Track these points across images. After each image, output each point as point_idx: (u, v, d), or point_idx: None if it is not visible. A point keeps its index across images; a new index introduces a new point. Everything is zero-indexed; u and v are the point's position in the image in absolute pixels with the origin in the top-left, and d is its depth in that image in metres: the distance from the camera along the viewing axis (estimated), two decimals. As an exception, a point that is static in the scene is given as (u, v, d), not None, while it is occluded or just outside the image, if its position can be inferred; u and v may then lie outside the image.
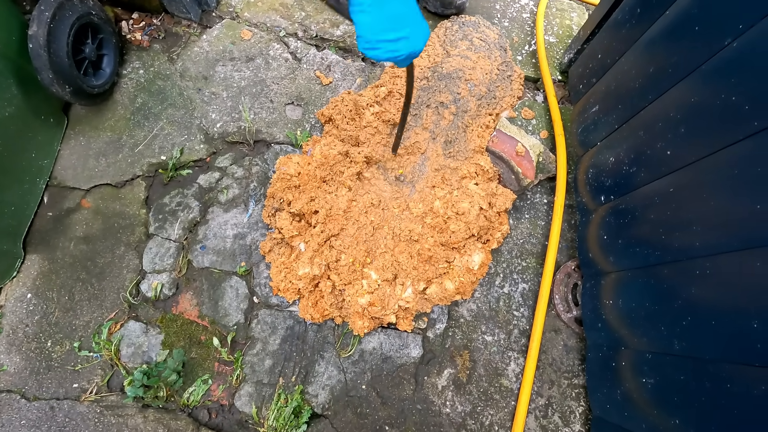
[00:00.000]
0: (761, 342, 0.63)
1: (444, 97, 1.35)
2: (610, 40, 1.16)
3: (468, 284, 1.16)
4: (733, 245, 0.69)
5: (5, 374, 1.13)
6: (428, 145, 1.31)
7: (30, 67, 1.13)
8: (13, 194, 1.18)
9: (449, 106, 1.34)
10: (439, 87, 1.36)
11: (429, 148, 1.30)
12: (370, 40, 0.70)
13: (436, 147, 1.31)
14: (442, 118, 1.33)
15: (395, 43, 0.70)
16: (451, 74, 1.39)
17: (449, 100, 1.34)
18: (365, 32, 0.69)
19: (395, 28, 0.69)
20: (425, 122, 1.32)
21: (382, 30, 0.69)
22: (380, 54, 0.72)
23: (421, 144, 1.30)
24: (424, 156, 1.30)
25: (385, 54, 0.72)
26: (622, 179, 1.02)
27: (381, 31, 0.69)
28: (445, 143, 1.31)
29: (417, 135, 1.31)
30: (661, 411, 0.83)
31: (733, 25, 0.71)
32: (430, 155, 1.30)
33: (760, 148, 0.65)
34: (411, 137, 1.31)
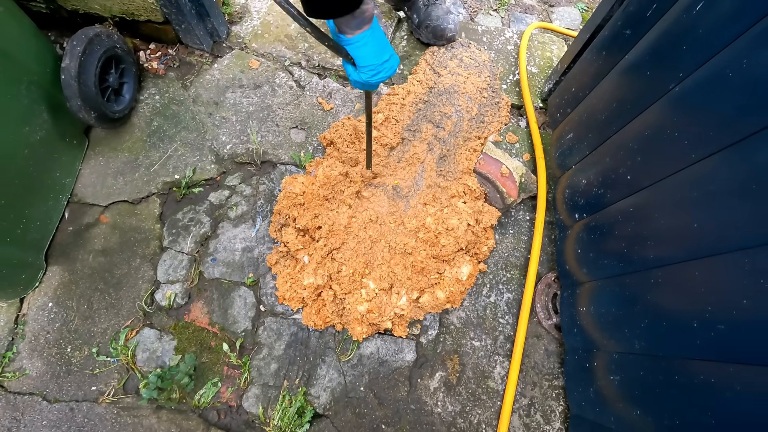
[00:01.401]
0: (700, 339, 0.75)
1: (446, 109, 1.50)
2: (582, 75, 1.30)
3: (457, 294, 1.28)
4: (679, 257, 0.81)
5: (28, 378, 1.21)
6: (426, 156, 1.44)
7: (60, 95, 1.25)
8: (39, 210, 1.28)
9: (448, 119, 1.49)
10: (440, 102, 1.52)
11: (427, 159, 1.43)
12: (374, 66, 0.82)
13: (433, 158, 1.44)
14: (441, 130, 1.47)
15: (388, 63, 0.84)
16: (448, 90, 1.55)
17: (451, 112, 1.50)
18: (370, 61, 0.81)
19: (386, 51, 0.83)
20: (424, 135, 1.46)
21: (379, 54, 0.81)
22: (382, 76, 0.85)
23: (420, 155, 1.43)
24: (422, 166, 1.43)
25: (385, 74, 0.85)
26: (592, 199, 1.15)
27: (379, 55, 0.81)
28: (440, 158, 1.45)
29: (415, 147, 1.44)
30: (626, 404, 0.94)
31: (674, 73, 0.85)
32: (427, 167, 1.43)
33: (696, 177, 0.79)
34: (410, 149, 1.44)
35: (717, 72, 0.75)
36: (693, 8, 0.81)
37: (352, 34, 0.78)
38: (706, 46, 0.78)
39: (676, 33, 0.87)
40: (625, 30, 1.07)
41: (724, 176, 0.73)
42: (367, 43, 0.79)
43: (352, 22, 0.76)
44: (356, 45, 0.79)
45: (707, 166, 0.76)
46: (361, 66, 0.83)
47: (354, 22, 0.76)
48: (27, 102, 1.17)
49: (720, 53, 0.74)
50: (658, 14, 0.93)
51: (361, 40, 0.79)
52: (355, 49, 0.80)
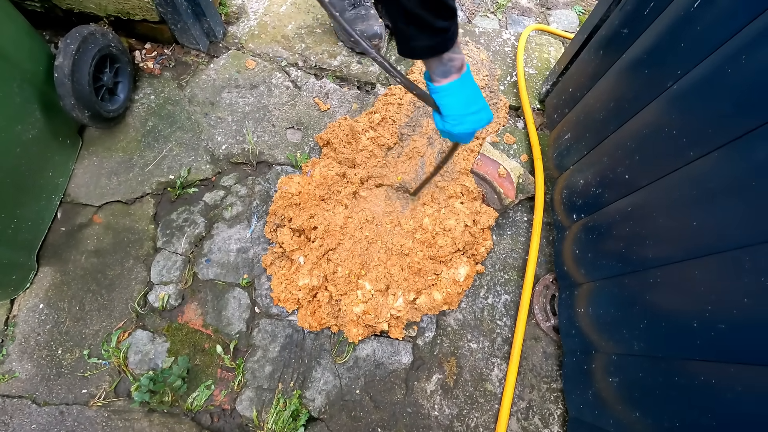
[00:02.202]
0: (700, 339, 0.74)
1: None
2: (579, 76, 1.30)
3: (455, 295, 1.26)
4: (678, 256, 0.80)
5: (17, 381, 1.19)
6: (426, 150, 1.43)
7: (53, 94, 1.24)
8: (31, 210, 1.26)
9: None
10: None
11: (427, 152, 1.42)
12: (457, 116, 0.82)
13: (434, 152, 1.44)
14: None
15: (476, 115, 0.83)
16: None
17: None
18: (454, 111, 0.81)
19: (474, 103, 0.82)
20: (425, 129, 1.45)
21: (465, 105, 0.81)
22: (466, 127, 0.83)
23: (420, 149, 1.42)
24: (423, 160, 1.42)
25: (470, 126, 0.83)
26: (590, 199, 1.14)
27: (464, 106, 0.81)
28: (440, 153, 1.44)
29: (415, 141, 1.44)
30: (625, 406, 0.92)
31: (672, 71, 0.85)
32: (428, 160, 1.42)
33: (695, 175, 0.78)
34: (410, 144, 1.43)
35: (715, 69, 0.74)
36: (691, 5, 0.81)
37: (439, 82, 0.79)
38: (704, 43, 0.77)
39: (673, 31, 0.86)
40: (622, 29, 1.06)
41: (724, 174, 0.72)
42: (454, 93, 0.79)
43: (439, 68, 0.77)
44: (442, 94, 0.80)
45: (706, 164, 0.75)
46: (445, 115, 0.83)
47: (440, 69, 0.77)
48: (19, 100, 1.16)
49: (718, 50, 0.74)
50: (655, 12, 0.93)
51: (447, 90, 0.79)
52: (441, 98, 0.81)
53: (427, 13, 0.67)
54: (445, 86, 0.79)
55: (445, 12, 0.69)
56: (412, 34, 0.71)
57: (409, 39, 0.72)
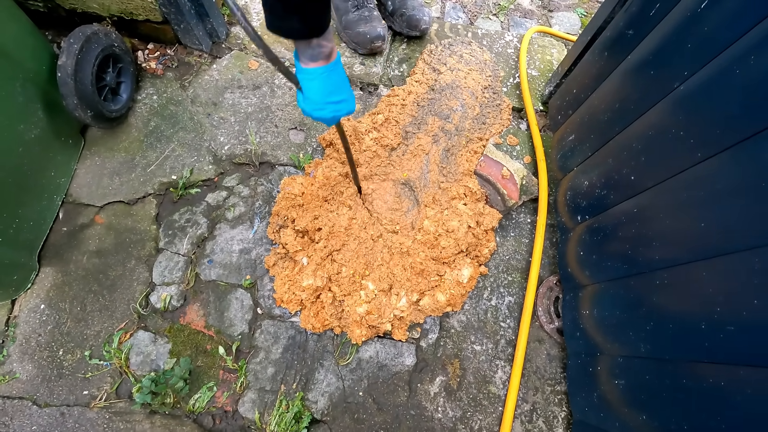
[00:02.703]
0: (708, 341, 0.73)
1: (451, 103, 1.51)
2: (583, 77, 1.30)
3: (458, 297, 1.26)
4: (685, 258, 0.80)
5: (18, 382, 1.18)
6: (431, 147, 1.43)
7: (56, 94, 1.23)
8: (32, 210, 1.26)
9: (455, 112, 1.50)
10: (444, 96, 1.52)
11: (432, 150, 1.42)
12: (318, 102, 0.82)
13: (438, 150, 1.44)
14: (448, 123, 1.48)
15: (338, 105, 0.84)
16: (450, 85, 1.54)
17: (456, 106, 1.51)
18: (315, 96, 0.82)
19: (338, 93, 0.83)
20: (430, 128, 1.46)
21: (328, 93, 0.82)
22: (326, 114, 0.85)
23: (425, 146, 1.42)
24: (427, 157, 1.41)
25: (330, 113, 0.85)
26: (595, 201, 1.14)
27: (328, 94, 0.82)
28: (444, 151, 1.44)
29: (420, 139, 1.44)
30: (631, 409, 0.92)
31: (679, 72, 0.84)
32: (432, 158, 1.42)
33: (703, 176, 0.77)
34: (415, 141, 1.43)
35: (723, 70, 0.74)
36: (698, 6, 0.81)
37: (306, 64, 0.79)
38: (711, 43, 0.77)
39: (680, 32, 0.86)
40: (627, 30, 1.06)
41: (732, 175, 0.71)
42: (318, 78, 0.79)
43: (307, 51, 0.76)
44: (306, 76, 0.80)
45: (714, 165, 0.75)
46: (307, 97, 0.83)
47: (308, 52, 0.76)
48: (22, 100, 1.16)
49: (726, 50, 0.74)
50: (661, 14, 0.92)
51: (312, 74, 0.79)
52: (304, 80, 0.81)
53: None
54: (310, 70, 0.78)
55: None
56: (279, 12, 0.69)
57: (279, 17, 0.70)
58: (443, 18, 1.99)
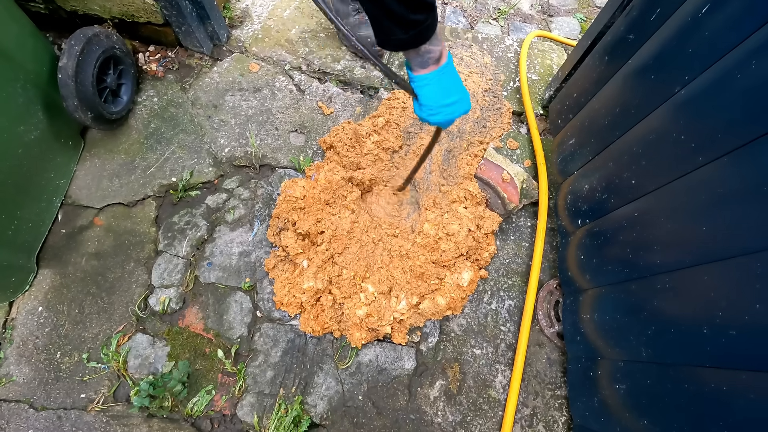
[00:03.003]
0: (710, 345, 0.73)
1: None
2: (583, 81, 1.30)
3: (458, 300, 1.25)
4: (686, 262, 0.80)
5: (14, 384, 1.17)
6: (434, 147, 1.43)
7: (56, 95, 1.23)
8: (31, 212, 1.25)
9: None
10: None
11: (434, 149, 1.43)
12: (432, 107, 0.83)
13: (441, 149, 1.44)
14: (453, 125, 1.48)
15: (452, 107, 0.84)
16: None
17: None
18: (429, 101, 0.82)
19: (451, 95, 0.83)
20: (432, 127, 1.46)
21: (442, 97, 0.82)
22: (441, 117, 0.85)
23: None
24: (430, 157, 1.42)
25: (444, 116, 0.85)
26: (595, 205, 1.14)
27: (441, 97, 0.82)
28: (447, 151, 1.44)
29: (422, 139, 1.44)
30: (632, 414, 0.91)
31: (680, 77, 0.85)
32: (435, 158, 1.42)
33: (705, 180, 0.77)
34: (417, 141, 1.43)
35: (724, 74, 0.74)
36: (699, 11, 0.81)
37: (417, 71, 0.79)
38: (712, 48, 0.77)
39: (681, 36, 0.86)
40: (628, 35, 1.06)
41: (733, 179, 0.71)
42: (430, 83, 0.80)
43: (416, 59, 0.77)
44: (419, 83, 0.81)
45: (715, 169, 0.75)
46: (422, 104, 0.84)
47: (418, 60, 0.77)
48: (23, 101, 1.15)
49: (727, 55, 0.74)
50: (662, 18, 0.93)
51: (424, 80, 0.80)
52: (418, 87, 0.82)
53: (401, 6, 0.67)
54: (422, 76, 0.79)
55: (420, 6, 0.68)
56: (387, 26, 0.70)
57: (385, 31, 0.72)
58: (443, 22, 1.99)
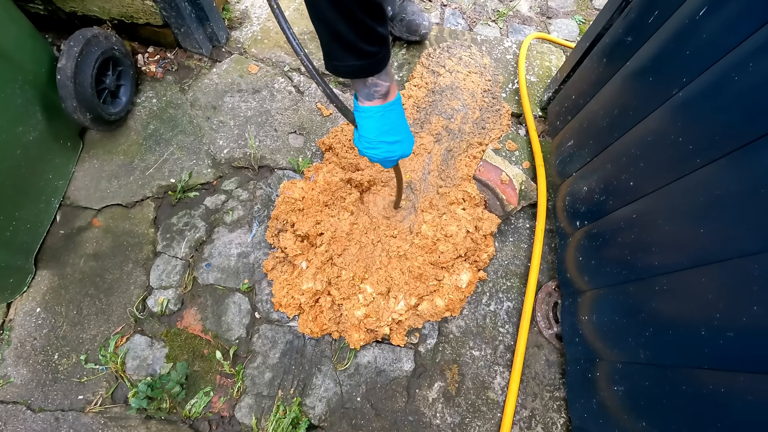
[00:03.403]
0: (708, 347, 0.73)
1: (453, 103, 1.52)
2: (582, 83, 1.30)
3: (457, 301, 1.25)
4: (684, 264, 0.80)
5: (12, 386, 1.17)
6: (433, 146, 1.44)
7: (55, 96, 1.23)
8: (29, 213, 1.25)
9: (457, 111, 1.52)
10: (445, 97, 1.54)
11: (434, 149, 1.43)
12: (371, 140, 0.82)
13: (441, 149, 1.44)
14: (451, 122, 1.49)
15: (392, 145, 0.83)
16: (450, 86, 1.56)
17: (458, 106, 1.53)
18: (368, 134, 0.81)
19: (393, 133, 0.82)
20: (434, 127, 1.47)
21: (382, 133, 0.81)
22: (379, 153, 0.84)
23: (427, 146, 1.43)
24: (430, 156, 1.42)
25: (383, 154, 0.84)
26: (594, 206, 1.14)
27: (382, 134, 0.81)
28: (447, 151, 1.45)
29: (422, 138, 1.44)
30: (631, 416, 0.91)
31: (678, 79, 0.85)
32: (434, 157, 1.42)
33: (702, 182, 0.78)
34: (417, 141, 1.44)
35: (722, 77, 0.75)
36: (696, 14, 0.81)
37: (362, 102, 0.78)
38: (710, 51, 0.78)
39: (678, 38, 0.86)
40: (626, 37, 1.07)
41: (731, 181, 0.72)
42: (372, 117, 0.79)
43: (363, 90, 0.76)
44: (361, 114, 0.80)
45: (713, 171, 0.75)
46: (361, 135, 0.83)
47: (364, 91, 0.76)
48: (21, 102, 1.15)
49: (724, 58, 0.74)
50: (660, 21, 0.93)
51: (367, 112, 0.78)
52: (359, 118, 0.80)
53: (354, 35, 0.65)
54: (366, 108, 0.78)
55: (373, 37, 0.67)
56: (335, 52, 0.68)
57: (333, 56, 0.69)
58: (443, 24, 1.99)
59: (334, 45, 0.67)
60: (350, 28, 0.64)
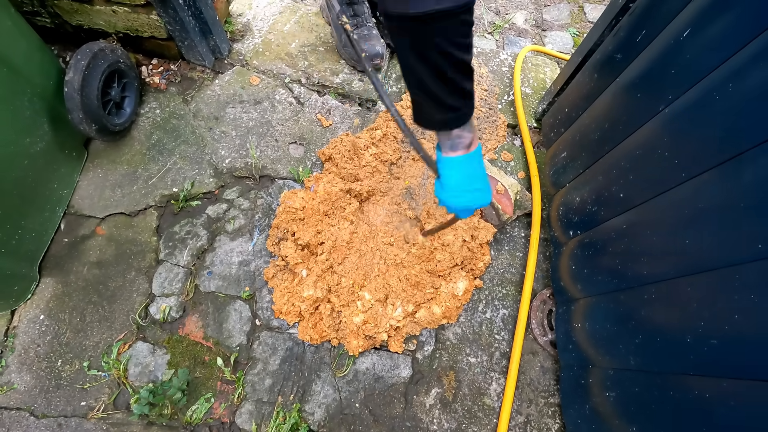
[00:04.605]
0: (694, 354, 0.76)
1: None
2: (574, 96, 1.35)
3: (453, 309, 1.28)
4: (671, 273, 0.83)
5: (15, 392, 1.19)
6: (434, 154, 1.46)
7: (61, 108, 1.26)
8: (34, 221, 1.27)
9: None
10: None
11: (434, 155, 1.46)
12: (455, 189, 0.84)
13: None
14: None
15: (473, 193, 0.84)
16: None
17: None
18: (452, 183, 0.83)
19: (474, 182, 0.84)
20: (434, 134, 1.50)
21: (465, 182, 0.83)
22: (461, 202, 0.85)
23: (428, 151, 1.45)
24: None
25: (465, 203, 0.85)
26: (586, 216, 1.17)
27: (465, 182, 0.83)
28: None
29: (422, 144, 1.47)
30: (622, 421, 0.94)
31: (664, 96, 0.89)
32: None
33: (687, 195, 0.81)
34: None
35: (704, 95, 0.78)
36: (680, 34, 0.85)
37: (446, 153, 0.81)
38: (693, 70, 0.81)
39: (664, 57, 0.90)
40: (616, 54, 1.11)
41: (713, 195, 0.75)
42: (457, 167, 0.82)
43: (446, 141, 0.80)
44: (445, 164, 0.83)
45: (697, 185, 0.79)
46: (444, 184, 0.85)
47: (448, 143, 0.80)
48: (29, 113, 1.18)
49: (707, 77, 0.78)
50: (647, 40, 0.97)
51: (451, 162, 0.82)
52: (443, 168, 0.83)
53: (441, 89, 0.69)
54: (449, 158, 0.81)
55: (459, 92, 0.71)
56: (423, 105, 0.74)
57: (421, 109, 0.75)
58: (440, 36, 2.04)
59: (423, 99, 0.73)
60: (442, 86, 0.69)
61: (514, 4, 2.26)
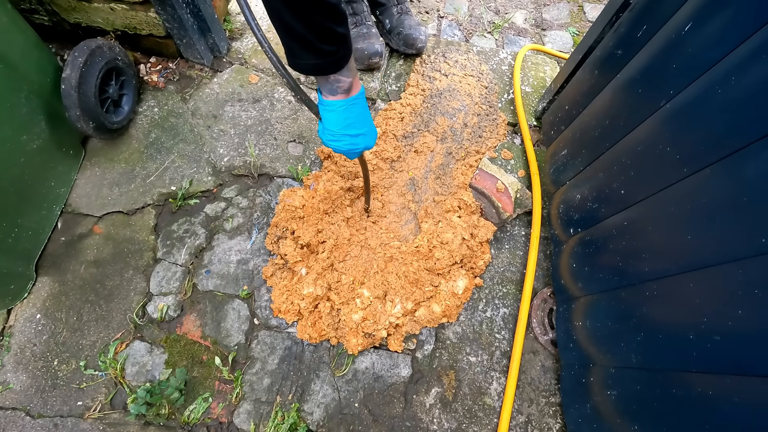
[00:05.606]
0: (696, 351, 0.75)
1: (453, 103, 1.55)
2: (575, 94, 1.34)
3: (453, 308, 1.27)
4: (673, 270, 0.82)
5: (11, 392, 1.18)
6: (436, 145, 1.47)
7: (59, 105, 1.25)
8: (31, 220, 1.26)
9: (459, 111, 1.57)
10: (444, 98, 1.58)
11: (437, 148, 1.47)
12: (335, 133, 0.86)
13: (443, 148, 1.49)
14: (455, 121, 1.54)
15: (354, 138, 0.87)
16: (447, 88, 1.60)
17: (459, 105, 1.58)
18: (332, 126, 0.85)
19: (356, 127, 0.86)
20: (436, 128, 1.50)
21: (345, 126, 0.85)
22: (342, 145, 0.88)
23: (430, 144, 1.47)
24: (432, 155, 1.46)
25: (345, 146, 0.88)
26: (586, 214, 1.16)
27: (345, 127, 0.85)
28: (447, 154, 1.49)
29: (425, 137, 1.48)
30: (624, 419, 0.93)
31: (665, 91, 0.88)
32: (437, 157, 1.47)
33: (689, 191, 0.80)
34: (420, 139, 1.48)
35: (706, 90, 0.78)
36: (682, 29, 0.85)
37: (325, 96, 0.82)
38: (694, 65, 0.81)
39: (665, 53, 0.90)
40: (616, 50, 1.10)
41: (715, 190, 0.74)
42: (336, 110, 0.82)
43: (325, 86, 0.80)
44: (325, 108, 0.83)
45: (699, 181, 0.78)
46: (325, 128, 0.87)
47: (327, 87, 0.79)
48: (26, 111, 1.18)
49: (708, 71, 0.77)
50: (648, 35, 0.97)
51: (331, 106, 0.82)
52: (323, 111, 0.84)
53: (312, 36, 0.68)
54: (329, 101, 0.82)
55: (331, 38, 0.70)
56: (295, 50, 0.71)
57: (293, 55, 0.73)
58: (439, 35, 2.04)
59: (293, 44, 0.70)
60: (307, 29, 0.67)
61: (513, 3, 2.26)
